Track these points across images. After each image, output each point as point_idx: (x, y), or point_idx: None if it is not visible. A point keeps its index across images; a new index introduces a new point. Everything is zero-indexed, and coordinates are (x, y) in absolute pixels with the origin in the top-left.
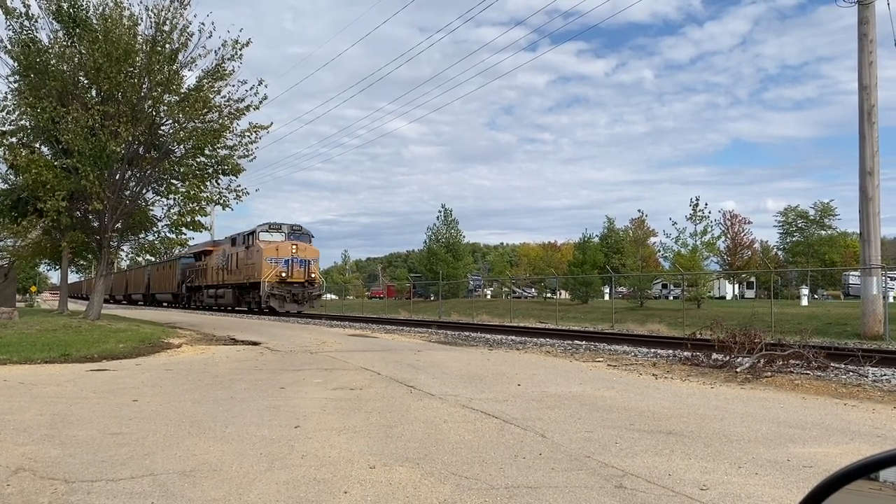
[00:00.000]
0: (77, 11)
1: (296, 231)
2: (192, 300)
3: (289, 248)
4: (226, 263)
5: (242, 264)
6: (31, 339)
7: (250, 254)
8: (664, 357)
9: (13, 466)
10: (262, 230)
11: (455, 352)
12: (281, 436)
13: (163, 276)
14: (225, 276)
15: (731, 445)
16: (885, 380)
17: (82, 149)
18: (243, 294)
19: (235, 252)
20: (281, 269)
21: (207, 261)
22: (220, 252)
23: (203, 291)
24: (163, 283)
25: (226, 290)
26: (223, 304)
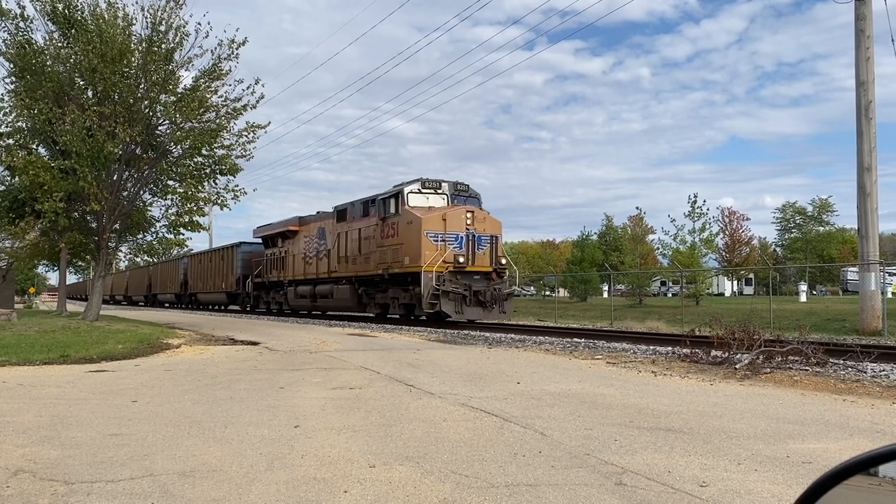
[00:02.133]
0: (72, 12)
1: (461, 192)
2: (259, 301)
3: (461, 218)
4: (332, 247)
5: (375, 245)
6: (29, 340)
7: (393, 227)
8: (663, 354)
9: (13, 468)
10: (413, 190)
11: (454, 350)
12: (280, 435)
13: (167, 273)
14: (334, 266)
15: (731, 442)
16: (884, 375)
17: (80, 150)
18: (375, 291)
19: (357, 228)
20: (456, 252)
21: (288, 246)
22: (313, 231)
23: (282, 291)
24: (166, 282)
25: (335, 286)
26: (329, 308)
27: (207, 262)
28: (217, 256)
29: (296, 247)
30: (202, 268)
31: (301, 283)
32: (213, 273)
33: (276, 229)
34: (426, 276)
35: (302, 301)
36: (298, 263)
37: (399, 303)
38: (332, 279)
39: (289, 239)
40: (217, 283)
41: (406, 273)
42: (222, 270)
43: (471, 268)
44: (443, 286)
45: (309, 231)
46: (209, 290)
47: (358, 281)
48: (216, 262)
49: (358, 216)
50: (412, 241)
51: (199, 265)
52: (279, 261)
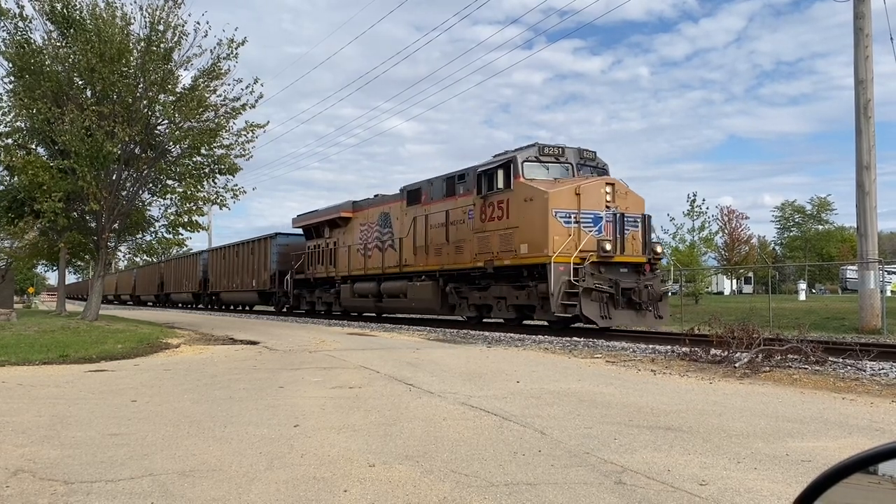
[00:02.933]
0: (70, 12)
1: (588, 161)
2: (301, 301)
3: (600, 193)
4: (404, 235)
5: (470, 231)
6: (29, 340)
7: (500, 207)
8: (662, 353)
9: (12, 468)
10: (529, 157)
11: (454, 349)
12: (280, 435)
13: (181, 270)
14: (408, 258)
15: (730, 440)
16: (883, 373)
17: (79, 149)
18: (469, 289)
19: (440, 211)
20: (598, 238)
21: (338, 236)
22: (372, 218)
23: (332, 289)
24: (181, 280)
25: (410, 283)
26: (400, 309)
27: (233, 256)
28: (246, 250)
29: (349, 237)
30: (227, 263)
31: (359, 279)
32: (240, 269)
33: (321, 217)
34: (557, 269)
35: (360, 301)
36: (354, 256)
37: (508, 304)
38: (403, 275)
39: (339, 228)
40: (246, 281)
41: (522, 265)
42: (252, 266)
43: (619, 258)
44: (582, 282)
45: (366, 218)
46: (235, 288)
47: (443, 276)
48: (245, 257)
49: (439, 196)
50: (534, 223)
51: (222, 260)
52: (327, 254)
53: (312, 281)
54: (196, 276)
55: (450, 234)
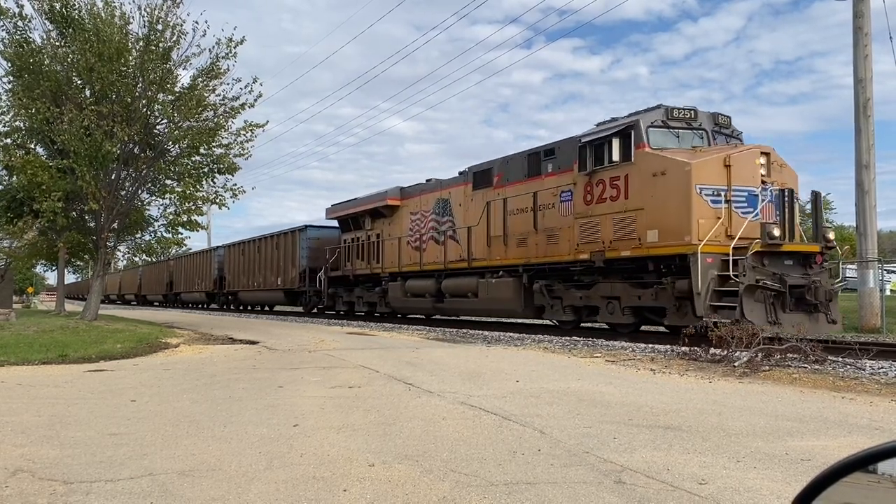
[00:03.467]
0: (69, 11)
1: (722, 127)
2: (337, 301)
3: (754, 165)
4: (473, 223)
5: (569, 215)
6: (28, 340)
7: (615, 185)
8: (662, 352)
9: (12, 468)
10: (655, 122)
11: (453, 349)
12: (279, 434)
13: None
14: (478, 250)
15: (730, 439)
16: (883, 372)
17: (78, 149)
18: (563, 287)
19: (523, 194)
20: (764, 222)
21: (383, 227)
22: (426, 205)
23: (377, 288)
24: (192, 279)
25: (483, 281)
26: (466, 311)
27: (254, 252)
28: (269, 245)
29: (396, 227)
30: (246, 260)
31: (412, 276)
32: (263, 266)
33: (361, 206)
34: (704, 262)
35: (414, 302)
36: (405, 250)
37: (623, 306)
38: (472, 270)
39: (383, 218)
40: (269, 279)
41: (648, 257)
42: (277, 262)
43: (788, 246)
44: (743, 276)
45: (418, 205)
46: (257, 286)
47: (528, 271)
48: (268, 253)
49: (518, 177)
50: (667, 202)
51: (240, 257)
52: (369, 247)
53: (352, 279)
54: (210, 274)
55: (538, 220)
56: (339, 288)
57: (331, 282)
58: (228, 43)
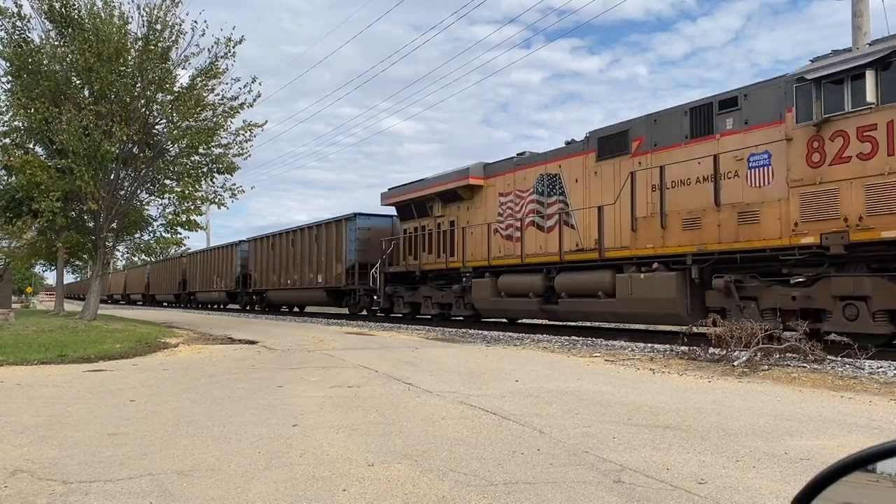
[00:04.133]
0: (68, 11)
1: None
2: (398, 302)
3: None
4: (602, 201)
5: (790, 181)
6: (27, 339)
7: (864, 135)
8: (661, 352)
9: (10, 468)
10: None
11: (453, 348)
12: (279, 434)
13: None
14: (615, 237)
15: (729, 439)
16: (882, 372)
17: (77, 149)
18: (765, 282)
19: (692, 160)
20: None
21: (459, 213)
22: (524, 183)
23: (455, 286)
24: (210, 277)
25: (624, 276)
26: (593, 315)
27: (287, 246)
28: (307, 238)
29: (479, 212)
30: (277, 255)
31: (509, 271)
32: (298, 262)
33: (429, 188)
34: None
35: (510, 303)
36: (494, 239)
37: (875, 309)
38: (601, 263)
39: (460, 202)
40: (307, 277)
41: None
42: (318, 257)
43: None
44: None
45: (510, 184)
46: (290, 285)
47: (700, 262)
48: (305, 247)
49: (675, 138)
50: None
51: (270, 252)
52: (441, 238)
53: (418, 275)
54: (231, 271)
55: (721, 193)
56: (398, 286)
57: (388, 279)
58: (227, 42)
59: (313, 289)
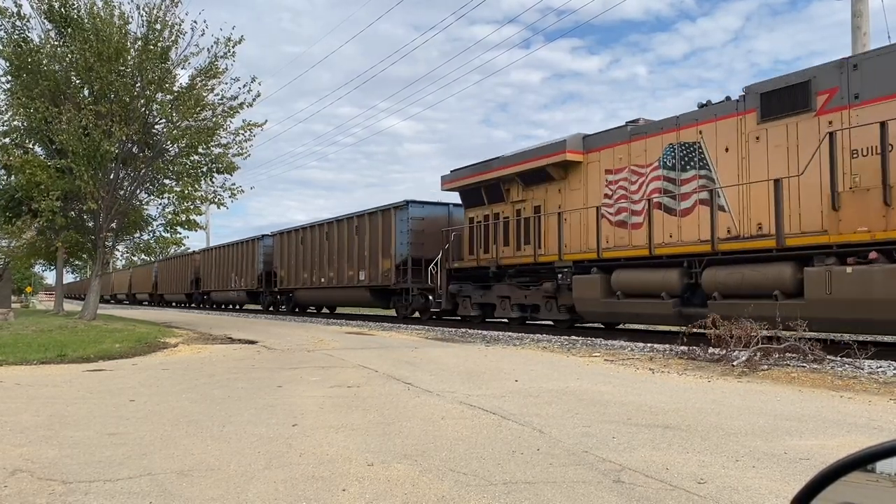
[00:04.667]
0: (68, 10)
1: None
2: (464, 303)
3: None
4: (781, 171)
5: None
6: (26, 339)
7: None
8: (661, 351)
9: (10, 468)
10: None
11: (452, 348)
12: (278, 434)
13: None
14: (802, 216)
15: (729, 439)
16: (881, 371)
17: (76, 149)
18: None
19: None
20: None
21: (546, 197)
22: (644, 154)
23: (544, 284)
24: (227, 274)
25: (819, 270)
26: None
27: (319, 240)
28: (346, 230)
29: (576, 194)
30: (307, 251)
31: (627, 265)
32: (335, 257)
33: (507, 168)
34: None
35: (631, 305)
36: (607, 227)
37: None
38: (775, 254)
39: (547, 183)
40: (345, 274)
41: None
42: (360, 252)
43: None
44: None
45: (622, 159)
46: (324, 283)
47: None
48: (344, 240)
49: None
50: None
51: (298, 246)
52: (523, 226)
53: (493, 272)
54: (253, 268)
55: None
56: (464, 284)
57: (451, 276)
58: (227, 42)
59: (354, 287)
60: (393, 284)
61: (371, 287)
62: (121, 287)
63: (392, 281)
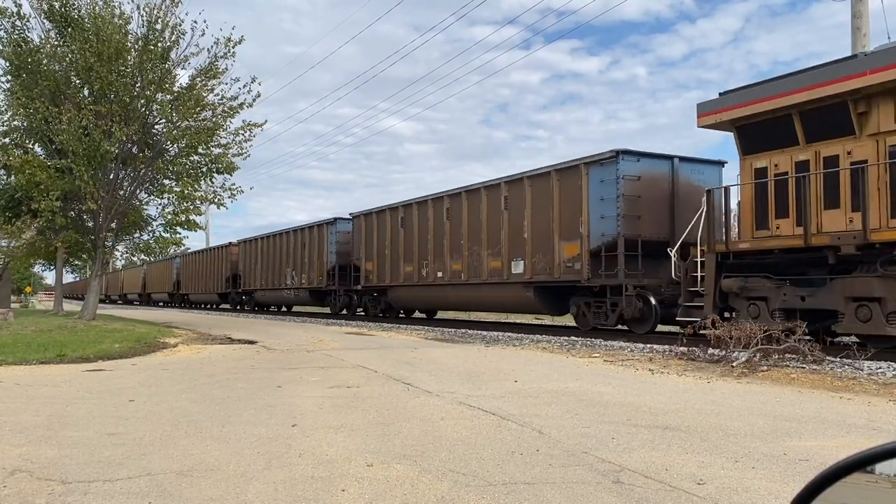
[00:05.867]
0: (69, 10)
1: None
2: (742, 307)
3: None
4: None
5: None
6: (26, 339)
7: None
8: (661, 352)
9: (10, 468)
10: None
11: (452, 349)
12: (278, 434)
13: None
14: None
15: (728, 439)
16: (881, 373)
17: (76, 149)
18: None
19: None
20: None
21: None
22: None
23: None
24: (278, 270)
25: None
26: None
27: (435, 219)
28: (488, 203)
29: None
30: (409, 234)
31: None
32: (457, 242)
33: (861, 75)
34: None
35: None
36: None
37: None
38: None
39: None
40: (480, 266)
41: None
42: (505, 234)
43: None
44: None
45: None
46: (441, 279)
47: None
48: (483, 215)
49: None
50: None
51: (397, 230)
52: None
53: (846, 255)
54: (322, 261)
55: None
56: (749, 278)
57: (725, 267)
58: (227, 42)
59: (500, 283)
60: (586, 279)
61: (539, 284)
62: (132, 286)
63: (584, 275)
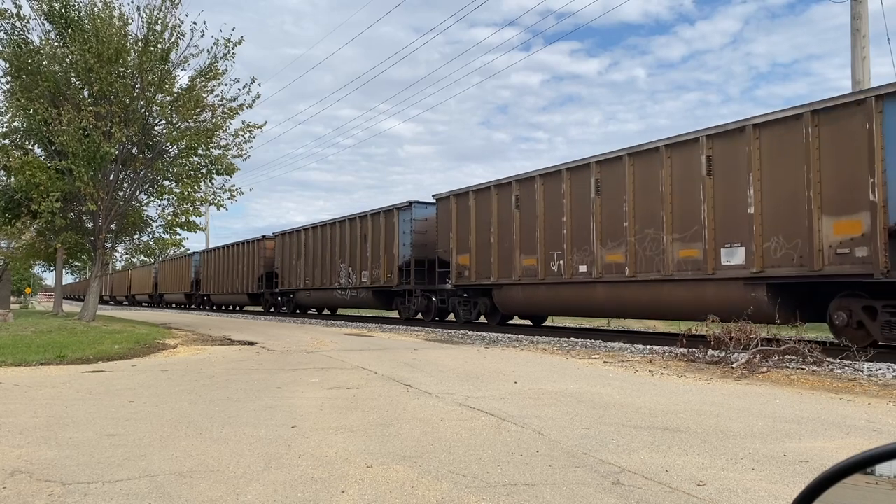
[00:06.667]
0: (68, 11)
1: None
2: None
3: None
4: None
5: None
6: (25, 340)
7: None
8: (660, 353)
9: (9, 469)
10: None
11: (452, 350)
12: (278, 436)
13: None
14: None
15: (728, 441)
16: (881, 374)
17: (76, 150)
18: None
19: None
20: None
21: None
22: None
23: None
24: (330, 264)
25: None
26: None
27: (581, 193)
28: (644, 171)
29: None
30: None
31: None
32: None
33: None
34: None
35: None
36: None
37: None
38: None
39: None
40: (653, 257)
41: None
42: (709, 205)
43: None
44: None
45: None
46: (601, 274)
47: None
48: (616, 193)
49: None
50: None
51: (514, 214)
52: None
53: None
54: (391, 255)
55: None
56: None
57: None
58: (227, 43)
59: (710, 281)
60: (884, 274)
61: (801, 280)
62: (141, 287)
63: (881, 266)
